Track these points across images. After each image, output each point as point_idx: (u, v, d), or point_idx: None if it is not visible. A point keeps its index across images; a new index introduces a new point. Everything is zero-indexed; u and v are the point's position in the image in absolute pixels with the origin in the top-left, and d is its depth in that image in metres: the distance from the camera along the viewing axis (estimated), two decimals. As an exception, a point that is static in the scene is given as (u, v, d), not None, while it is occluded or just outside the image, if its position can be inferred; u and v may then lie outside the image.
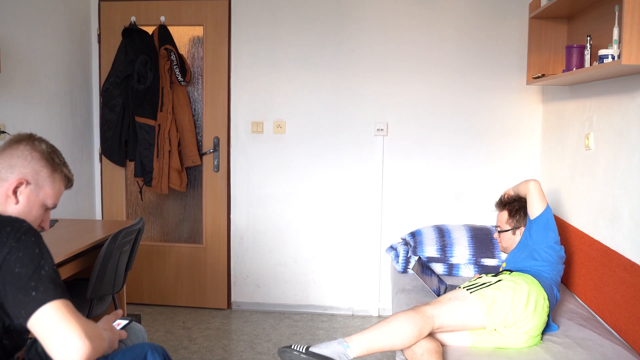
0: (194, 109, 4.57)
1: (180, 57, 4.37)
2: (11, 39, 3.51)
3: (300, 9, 4.39)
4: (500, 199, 3.40)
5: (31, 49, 3.76)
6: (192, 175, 4.64)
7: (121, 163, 4.52)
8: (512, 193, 3.34)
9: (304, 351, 2.56)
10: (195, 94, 4.58)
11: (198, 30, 4.54)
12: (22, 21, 3.66)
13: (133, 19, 4.43)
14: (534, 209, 3.07)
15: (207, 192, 4.60)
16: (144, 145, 4.34)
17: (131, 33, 4.35)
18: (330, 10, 4.37)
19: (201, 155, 4.54)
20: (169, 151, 4.37)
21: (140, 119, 4.33)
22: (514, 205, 3.29)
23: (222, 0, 4.44)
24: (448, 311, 2.66)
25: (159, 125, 4.34)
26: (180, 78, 4.34)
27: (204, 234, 4.64)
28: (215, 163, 4.54)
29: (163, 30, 4.36)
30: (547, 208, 3.05)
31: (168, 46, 4.30)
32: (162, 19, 4.43)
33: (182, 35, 4.56)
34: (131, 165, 4.59)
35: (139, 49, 4.31)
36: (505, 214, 3.31)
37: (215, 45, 4.47)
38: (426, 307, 2.66)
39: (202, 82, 4.53)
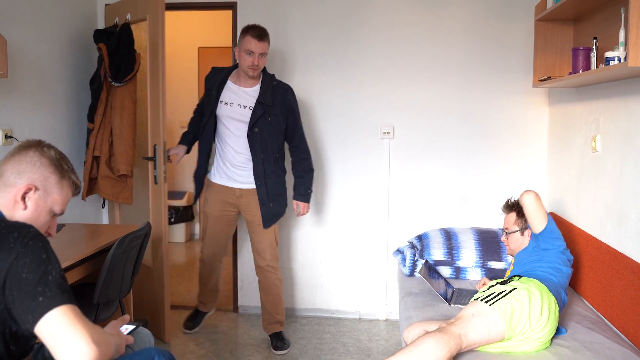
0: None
1: (114, 57, 3.95)
2: (18, 44, 3.53)
3: (305, 13, 4.39)
4: (507, 202, 3.40)
5: (38, 53, 3.77)
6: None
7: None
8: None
9: None
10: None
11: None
12: (29, 26, 3.68)
13: (129, 16, 4.14)
14: (536, 224, 3.04)
15: (214, 196, 4.59)
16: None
17: (104, 34, 4.12)
18: (336, 14, 4.37)
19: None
20: (95, 157, 4.10)
21: (89, 123, 4.14)
22: (521, 207, 3.29)
23: (227, 5, 4.44)
24: (474, 328, 2.61)
25: (92, 129, 4.10)
26: (110, 78, 3.99)
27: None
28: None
29: (125, 29, 3.99)
30: (549, 219, 3.03)
31: (100, 45, 4.01)
32: (128, 16, 4.12)
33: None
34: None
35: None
36: (513, 215, 3.30)
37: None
38: (452, 327, 2.60)
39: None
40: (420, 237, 4.00)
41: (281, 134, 3.80)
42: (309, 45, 4.41)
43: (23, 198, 1.76)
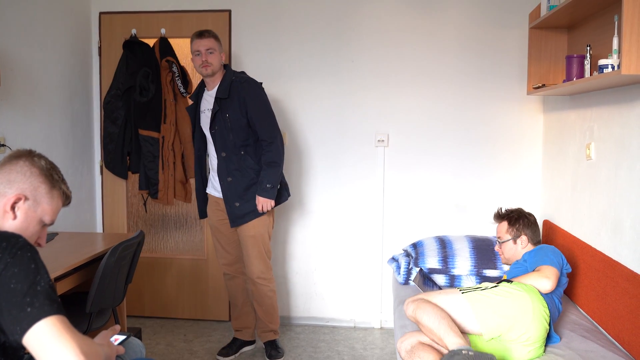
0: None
1: (182, 69, 4.37)
2: (11, 52, 3.52)
3: (300, 19, 4.40)
4: (498, 211, 3.39)
5: (31, 61, 3.76)
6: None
7: (123, 175, 4.51)
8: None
9: None
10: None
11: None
12: (23, 34, 3.67)
13: (134, 31, 4.44)
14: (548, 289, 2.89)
15: (208, 204, 4.58)
16: (149, 157, 4.33)
17: (132, 45, 4.36)
18: (331, 21, 4.37)
19: None
20: (174, 163, 4.37)
21: (143, 132, 4.33)
22: (512, 215, 3.29)
23: (222, 12, 4.45)
24: (439, 300, 2.73)
25: (163, 137, 4.33)
26: (182, 90, 4.34)
27: (205, 246, 4.62)
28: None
29: (164, 43, 4.36)
30: (556, 274, 2.90)
31: (170, 58, 4.30)
32: (163, 31, 4.43)
33: (183, 47, 4.57)
34: (132, 177, 4.58)
35: (140, 61, 4.32)
36: (504, 224, 3.30)
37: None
38: (419, 296, 2.80)
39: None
40: (414, 245, 3.99)
41: (243, 129, 3.67)
42: (304, 53, 4.41)
43: (12, 208, 1.74)
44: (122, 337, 2.12)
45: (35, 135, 3.81)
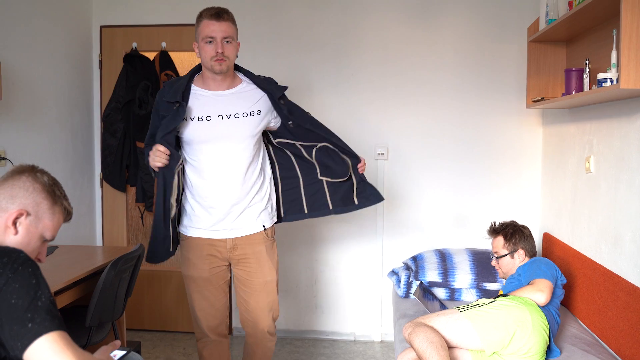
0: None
1: None
2: (12, 65, 3.53)
3: (300, 34, 4.41)
4: (492, 226, 3.39)
5: (32, 74, 3.78)
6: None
7: (122, 188, 4.52)
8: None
9: None
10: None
11: (198, 56, 4.57)
12: (23, 47, 3.68)
13: (134, 44, 4.46)
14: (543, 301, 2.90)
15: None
16: (145, 170, 4.33)
17: (132, 59, 4.38)
18: (331, 35, 4.39)
19: None
20: None
21: (141, 144, 4.33)
22: (507, 230, 3.29)
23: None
24: (438, 322, 2.73)
25: None
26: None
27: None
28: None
29: (164, 56, 4.39)
30: (550, 286, 2.92)
31: (169, 72, 4.32)
32: (164, 44, 4.45)
33: (183, 60, 4.58)
34: (132, 190, 4.58)
35: (141, 74, 4.33)
36: (500, 239, 3.30)
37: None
38: (417, 320, 2.79)
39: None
40: (414, 258, 3.99)
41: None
42: (304, 67, 4.43)
43: (14, 223, 1.75)
44: (122, 353, 2.12)
45: (35, 148, 3.81)
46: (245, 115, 2.83)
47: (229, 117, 2.81)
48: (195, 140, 2.81)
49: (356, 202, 3.27)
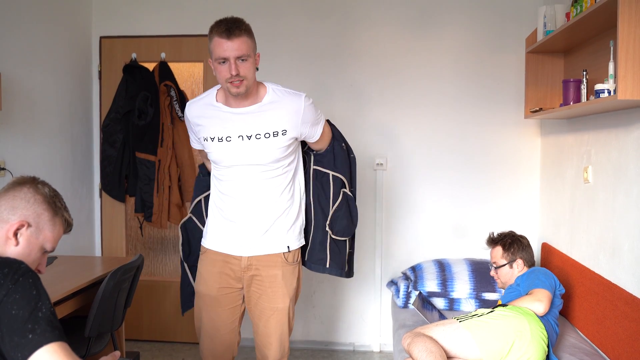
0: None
1: (180, 93, 4.39)
2: (12, 76, 3.54)
3: (299, 44, 4.43)
4: (490, 236, 3.40)
5: (32, 85, 3.79)
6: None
7: (121, 198, 4.52)
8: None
9: None
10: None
11: (198, 67, 4.59)
12: (23, 57, 3.69)
13: (134, 55, 4.48)
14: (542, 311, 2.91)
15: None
16: (144, 180, 4.34)
17: (132, 69, 4.39)
18: (329, 45, 4.41)
19: None
20: (169, 186, 4.36)
21: (140, 155, 4.34)
22: (506, 240, 3.30)
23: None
24: (437, 332, 2.75)
25: (159, 160, 4.34)
26: (180, 114, 4.35)
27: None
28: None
29: (163, 67, 4.40)
30: (549, 296, 2.93)
31: (168, 82, 4.33)
32: (163, 55, 4.46)
33: (182, 72, 4.60)
34: (131, 200, 4.58)
35: (140, 85, 4.34)
36: (499, 249, 3.31)
37: (215, 81, 4.50)
38: (416, 330, 2.80)
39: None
40: (413, 269, 4.00)
41: None
42: (303, 76, 4.44)
43: (15, 234, 1.75)
44: (121, 363, 2.12)
45: (35, 158, 3.82)
46: (267, 136, 2.56)
47: (249, 137, 2.56)
48: (218, 162, 2.65)
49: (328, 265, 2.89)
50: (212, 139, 2.61)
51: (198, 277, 2.79)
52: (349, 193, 2.87)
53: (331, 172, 2.84)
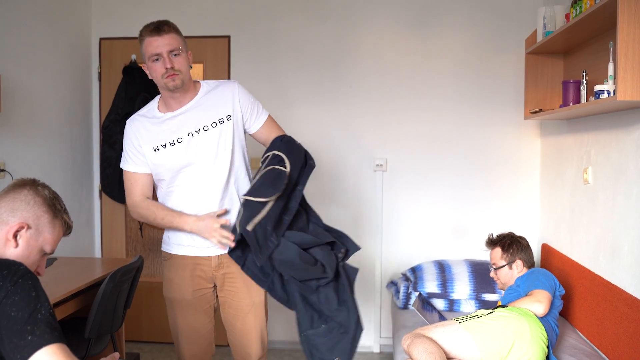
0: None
1: None
2: (12, 77, 3.54)
3: (299, 45, 4.44)
4: (489, 237, 3.40)
5: (32, 86, 3.79)
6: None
7: (121, 200, 4.51)
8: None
9: None
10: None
11: (198, 68, 4.59)
12: (23, 59, 3.69)
13: (133, 57, 4.47)
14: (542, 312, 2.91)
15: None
16: None
17: (131, 71, 4.39)
18: (328, 46, 4.41)
19: None
20: None
21: None
22: (505, 241, 3.31)
23: (222, 38, 4.49)
24: (437, 333, 2.75)
25: None
26: None
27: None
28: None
29: None
30: (549, 297, 2.94)
31: None
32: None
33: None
34: (131, 201, 4.58)
35: (140, 86, 4.34)
36: (498, 250, 3.31)
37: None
38: (416, 331, 2.80)
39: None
40: (413, 270, 3.99)
41: None
42: (302, 78, 4.44)
43: (15, 236, 1.75)
44: (121, 365, 2.12)
45: (35, 160, 3.82)
46: (214, 125, 2.61)
47: (198, 132, 2.59)
48: (171, 168, 2.61)
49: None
50: (164, 146, 2.59)
51: (168, 284, 2.75)
52: (283, 169, 2.61)
53: (275, 152, 2.68)
